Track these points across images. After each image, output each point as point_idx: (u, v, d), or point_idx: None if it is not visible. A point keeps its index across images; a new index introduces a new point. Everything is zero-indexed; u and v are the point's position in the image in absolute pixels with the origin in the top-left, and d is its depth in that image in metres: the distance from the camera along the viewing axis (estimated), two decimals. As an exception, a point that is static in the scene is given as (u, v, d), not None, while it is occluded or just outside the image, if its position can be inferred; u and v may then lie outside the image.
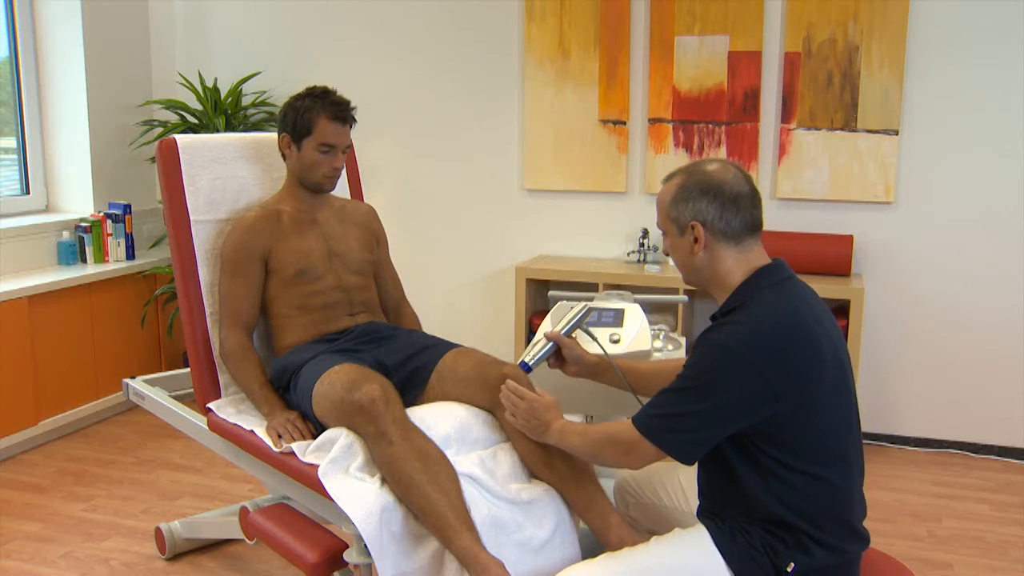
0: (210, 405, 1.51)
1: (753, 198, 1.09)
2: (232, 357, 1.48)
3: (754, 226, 1.09)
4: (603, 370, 1.33)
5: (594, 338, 1.37)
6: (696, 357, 1.04)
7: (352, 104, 1.53)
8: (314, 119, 1.47)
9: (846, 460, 1.05)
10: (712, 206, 1.06)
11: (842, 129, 2.37)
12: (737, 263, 1.08)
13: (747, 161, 2.52)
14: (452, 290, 2.98)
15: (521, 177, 2.82)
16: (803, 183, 2.49)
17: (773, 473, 1.03)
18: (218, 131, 2.70)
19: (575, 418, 1.50)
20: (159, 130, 2.79)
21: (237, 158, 1.64)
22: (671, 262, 2.44)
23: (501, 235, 2.88)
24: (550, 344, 1.33)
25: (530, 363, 1.32)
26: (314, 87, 1.51)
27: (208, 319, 1.55)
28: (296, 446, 1.31)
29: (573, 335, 1.38)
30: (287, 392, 1.45)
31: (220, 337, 1.51)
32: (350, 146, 1.55)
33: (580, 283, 2.57)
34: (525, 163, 2.79)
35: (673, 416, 1.03)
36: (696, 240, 1.08)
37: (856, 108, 2.33)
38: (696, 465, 1.15)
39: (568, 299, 1.64)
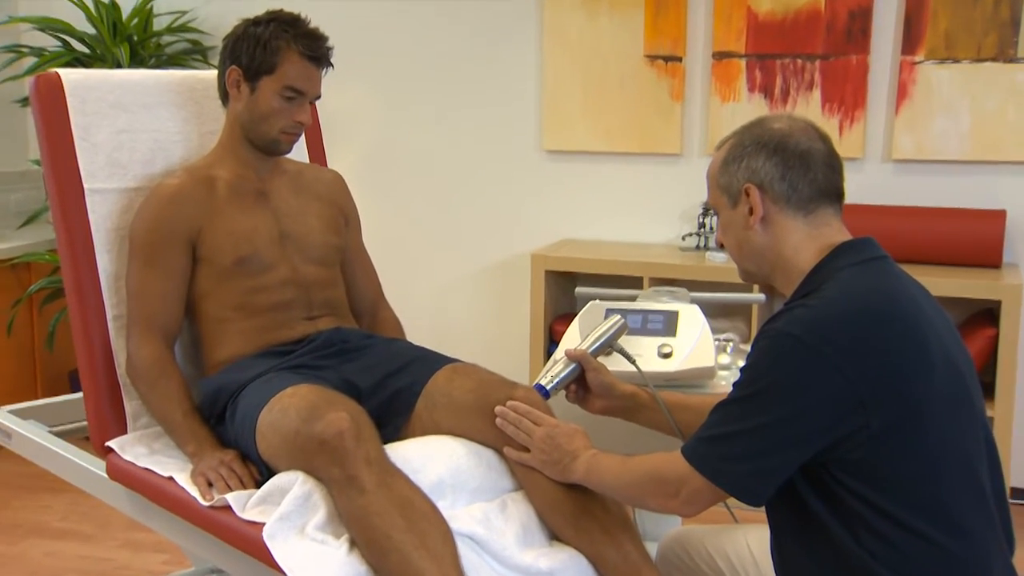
0: (111, 443, 1.48)
1: (829, 157, 1.10)
2: (145, 376, 1.46)
3: (830, 193, 1.10)
4: (641, 405, 1.34)
5: (629, 357, 1.37)
6: (754, 355, 1.04)
7: (329, 42, 1.51)
8: (280, 53, 1.45)
9: (974, 520, 1.03)
10: (771, 163, 1.08)
11: (994, 60, 2.25)
12: (807, 240, 1.09)
13: (850, 110, 2.48)
14: (446, 286, 3.01)
15: (539, 135, 2.82)
16: (932, 138, 2.41)
17: (863, 521, 1.01)
18: (120, 65, 2.58)
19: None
20: (32, 60, 2.64)
21: (151, 104, 1.61)
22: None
23: (512, 213, 2.89)
24: (572, 366, 1.34)
25: (547, 387, 1.33)
26: (279, 11, 1.48)
27: (110, 324, 1.52)
28: (233, 498, 1.29)
29: (606, 354, 1.38)
30: (221, 424, 1.44)
31: (128, 349, 1.49)
32: (318, 97, 1.54)
33: (617, 277, 2.57)
34: (544, 116, 2.78)
35: (728, 438, 1.03)
36: (752, 210, 1.09)
37: (1018, 29, 2.20)
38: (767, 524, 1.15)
39: (602, 299, 1.64)
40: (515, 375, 1.44)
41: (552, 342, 2.64)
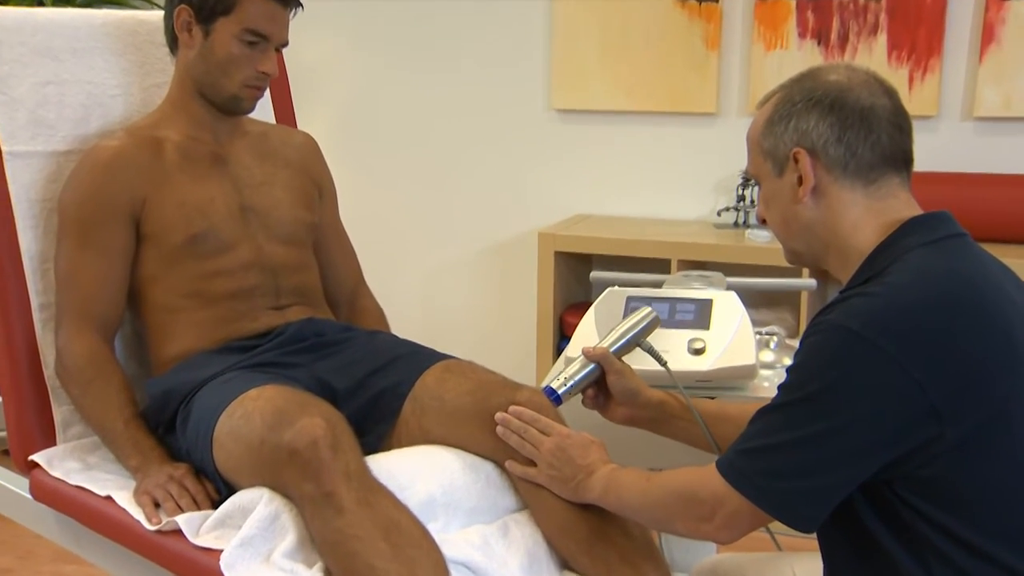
0: (36, 457, 1.47)
1: (896, 116, 1.09)
2: (78, 376, 1.46)
3: (896, 158, 1.09)
4: (671, 415, 1.34)
5: (659, 359, 1.36)
6: (803, 352, 1.03)
7: None
8: None
9: None
10: (825, 123, 1.07)
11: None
12: (868, 215, 1.08)
13: (923, 58, 2.46)
14: (437, 271, 3.02)
15: (547, 92, 2.82)
16: (1023, 92, 2.38)
17: (936, 551, 1.00)
18: (42, 3, 2.64)
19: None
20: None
21: (84, 50, 1.59)
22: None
23: (515, 184, 2.91)
24: (591, 367, 1.34)
25: (559, 391, 1.33)
26: None
27: (35, 315, 1.51)
28: (185, 520, 1.29)
29: (631, 351, 1.37)
30: (171, 433, 1.44)
31: (58, 344, 1.48)
32: (286, 44, 1.54)
33: (640, 259, 2.56)
34: (554, 69, 2.78)
35: (772, 450, 1.02)
36: (801, 179, 1.08)
37: None
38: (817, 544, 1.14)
39: (621, 285, 1.64)
40: (519, 375, 1.44)
41: (563, 336, 2.64)
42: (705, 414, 1.32)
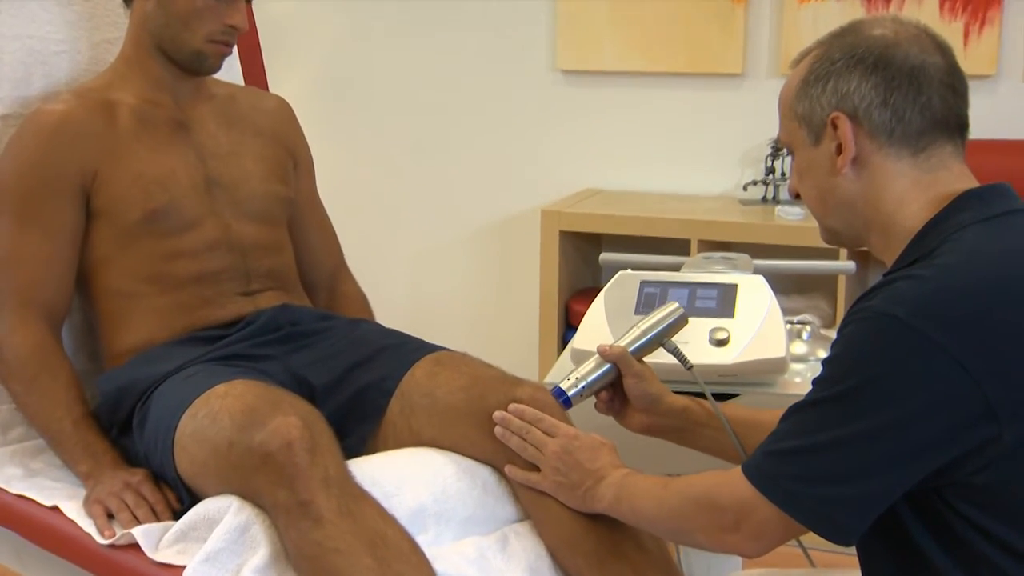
0: (-30, 463, 1.48)
1: (949, 76, 1.08)
2: (20, 371, 1.46)
3: (948, 124, 1.09)
4: (695, 424, 1.35)
5: (683, 360, 1.36)
6: (841, 343, 1.04)
7: None
8: None
9: None
10: (868, 84, 1.07)
11: None
12: (916, 187, 1.08)
13: (980, 11, 2.43)
14: (428, 253, 3.02)
15: (552, 51, 2.81)
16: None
17: (993, 568, 1.00)
18: None
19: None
20: None
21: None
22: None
23: (516, 154, 2.90)
24: (606, 367, 1.34)
25: (569, 392, 1.33)
26: None
27: (-31, 303, 1.50)
28: (143, 533, 1.29)
29: (653, 351, 1.36)
30: (127, 434, 1.44)
31: (-4, 334, 1.48)
32: None
33: (656, 240, 2.56)
34: (560, 26, 2.77)
35: (806, 452, 1.03)
36: (840, 148, 1.08)
37: None
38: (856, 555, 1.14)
39: (635, 268, 1.64)
40: (519, 370, 1.44)
41: (569, 326, 2.64)
42: (735, 421, 1.31)
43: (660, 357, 1.37)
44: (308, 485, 1.19)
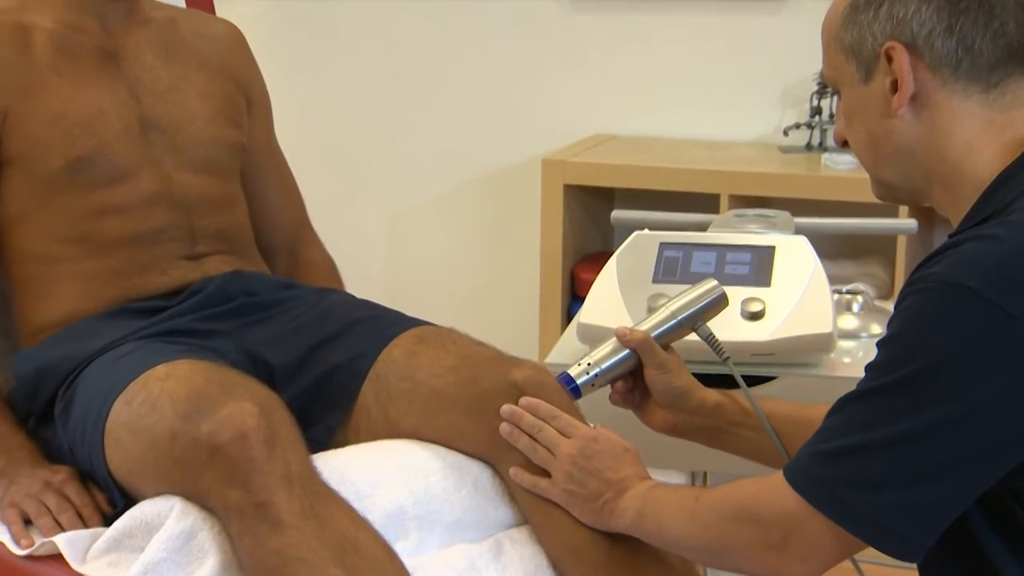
0: None
1: None
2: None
3: None
4: (730, 423, 1.36)
5: (718, 349, 1.35)
6: (901, 318, 1.04)
7: None
8: None
9: None
10: (929, 7, 1.07)
11: None
12: (988, 130, 1.08)
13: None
14: (409, 211, 3.02)
15: (555, -34, 2.82)
16: None
17: None
18: None
19: (671, 478, 1.50)
20: None
21: None
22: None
23: (513, 94, 2.90)
24: (624, 353, 1.34)
25: (579, 380, 1.34)
26: None
27: None
28: (67, 541, 1.29)
29: (683, 336, 1.36)
30: (47, 424, 1.44)
31: None
32: None
33: (679, 195, 2.56)
34: (564, -64, 2.78)
35: (861, 451, 1.03)
36: (896, 84, 1.08)
37: None
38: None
39: (652, 228, 1.64)
40: (517, 348, 1.44)
41: (575, 297, 2.65)
42: (778, 418, 1.32)
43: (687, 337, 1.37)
44: (266, 483, 1.19)
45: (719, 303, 1.36)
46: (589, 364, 1.34)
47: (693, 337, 1.36)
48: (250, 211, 1.67)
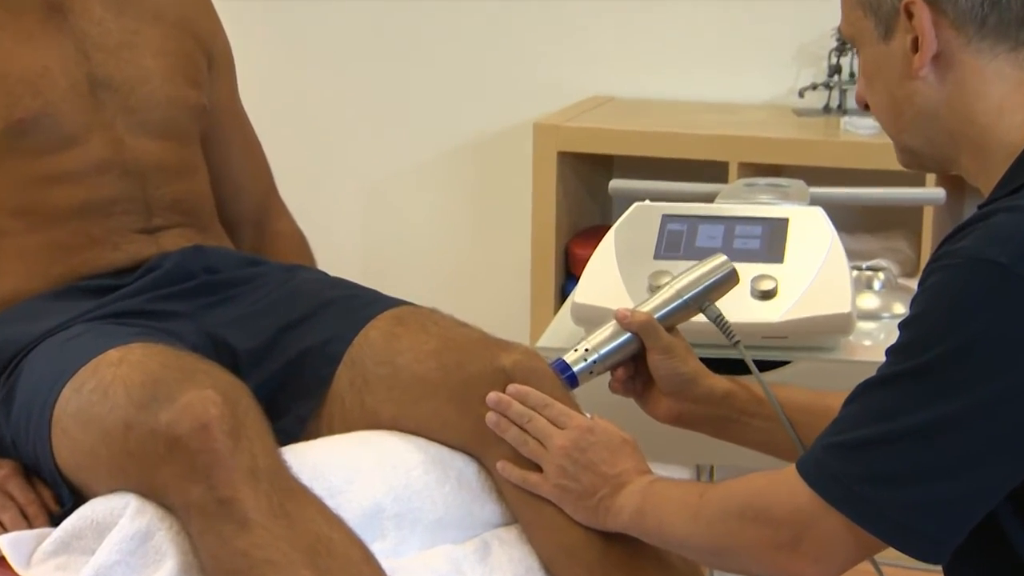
0: None
1: None
2: None
3: None
4: (741, 412, 1.37)
5: (727, 331, 1.36)
6: (926, 297, 1.05)
7: None
8: None
9: None
10: None
11: None
12: (1018, 91, 1.09)
13: None
14: (387, 180, 3.03)
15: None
16: None
17: None
18: None
19: (674, 473, 1.52)
20: None
21: None
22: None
23: (501, 52, 2.90)
24: (624, 337, 1.35)
25: (576, 367, 1.35)
26: None
27: None
28: (10, 543, 1.28)
29: (690, 317, 1.37)
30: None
31: None
32: None
33: (684, 162, 2.57)
34: None
35: (882, 443, 1.04)
36: (917, 43, 1.08)
37: None
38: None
39: (654, 198, 1.64)
40: (506, 331, 1.44)
41: (569, 275, 2.66)
42: (793, 407, 1.32)
43: (694, 318, 1.38)
44: (230, 478, 1.19)
45: (729, 280, 1.36)
46: (587, 350, 1.34)
47: (700, 319, 1.36)
48: (212, 180, 1.66)
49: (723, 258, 1.37)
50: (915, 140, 1.14)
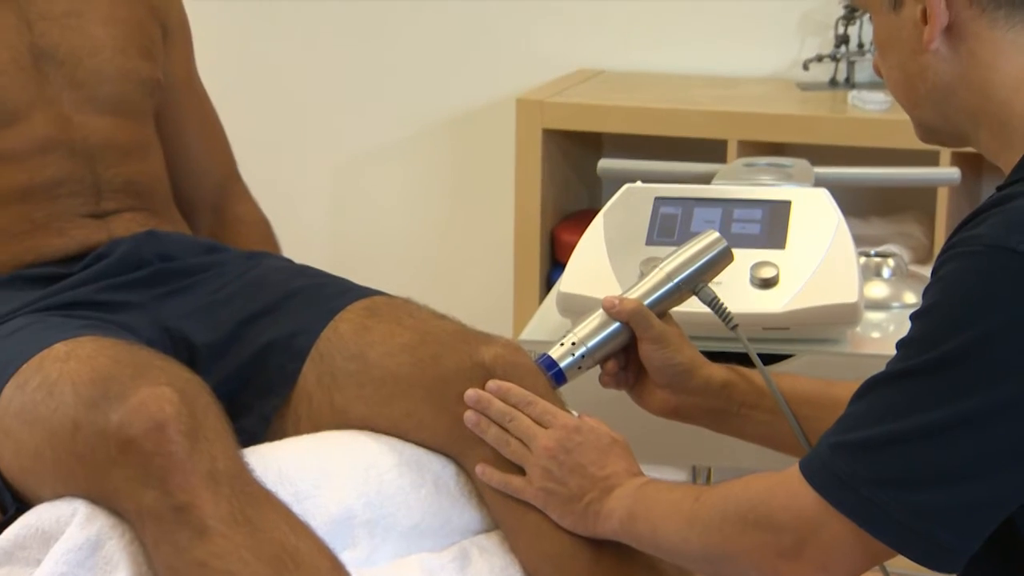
0: None
1: None
2: None
3: None
4: (741, 404, 1.37)
5: (724, 314, 1.36)
6: (941, 287, 1.06)
7: None
8: None
9: None
10: None
11: None
12: None
13: None
14: (358, 160, 3.02)
15: None
16: None
17: None
18: None
19: (669, 475, 1.51)
20: None
21: None
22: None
23: (481, 21, 2.90)
24: (613, 327, 1.35)
25: (563, 363, 1.35)
26: None
27: None
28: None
29: (683, 301, 1.37)
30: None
31: None
32: None
33: (679, 140, 2.57)
34: None
35: (893, 443, 1.05)
36: (925, 15, 1.09)
37: None
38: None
39: (646, 180, 1.65)
40: (487, 323, 1.45)
41: (555, 263, 2.66)
42: (797, 399, 1.33)
43: (688, 305, 1.38)
44: (187, 482, 1.19)
45: (723, 259, 1.36)
46: (573, 343, 1.34)
47: (694, 305, 1.36)
48: (167, 160, 1.66)
49: (715, 235, 1.37)
50: (931, 116, 1.14)
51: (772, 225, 1.52)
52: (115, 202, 1.55)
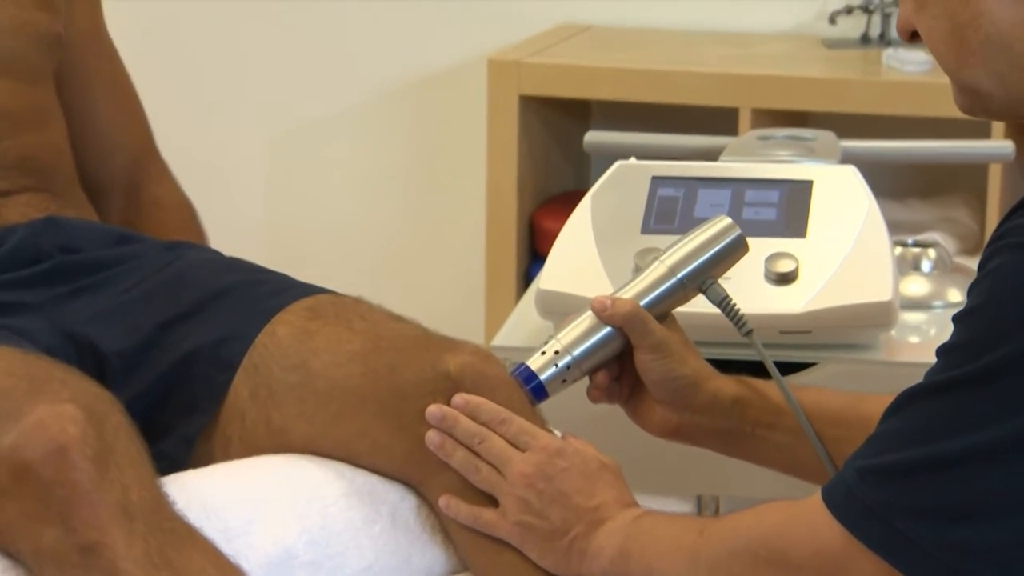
0: None
1: None
2: None
3: None
4: (755, 423, 1.38)
5: (735, 317, 1.36)
6: (988, 286, 1.06)
7: None
8: None
9: None
10: None
11: None
12: None
13: None
14: (301, 133, 3.02)
15: None
16: None
17: None
18: None
19: (669, 506, 1.53)
20: None
21: None
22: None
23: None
24: (604, 333, 1.36)
25: (543, 375, 1.37)
26: None
27: None
28: None
29: (686, 300, 1.38)
30: None
31: None
32: None
33: (682, 109, 2.59)
34: None
35: (930, 469, 1.06)
36: None
37: None
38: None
39: (641, 156, 1.66)
40: (455, 326, 1.47)
41: (535, 255, 2.68)
42: (820, 416, 1.34)
43: (693, 305, 1.38)
44: (95, 518, 1.19)
45: (736, 249, 1.36)
46: (556, 352, 1.34)
47: (700, 305, 1.37)
48: (71, 131, 1.67)
49: (727, 220, 1.36)
50: (981, 76, 1.13)
51: (791, 210, 1.53)
52: (7, 181, 1.56)
